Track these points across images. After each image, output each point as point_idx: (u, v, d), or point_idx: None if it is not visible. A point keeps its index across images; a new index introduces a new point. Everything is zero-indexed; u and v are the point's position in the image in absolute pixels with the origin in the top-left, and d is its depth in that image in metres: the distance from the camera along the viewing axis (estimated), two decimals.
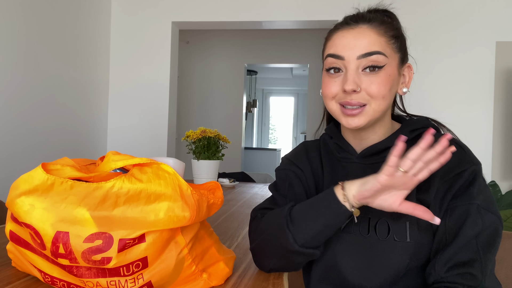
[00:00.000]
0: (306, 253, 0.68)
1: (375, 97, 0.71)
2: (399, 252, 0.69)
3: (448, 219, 0.68)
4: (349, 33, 0.73)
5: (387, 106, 0.74)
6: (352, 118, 0.72)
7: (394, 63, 0.73)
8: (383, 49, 0.71)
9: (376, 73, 0.71)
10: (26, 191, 0.59)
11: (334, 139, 0.83)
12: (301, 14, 3.07)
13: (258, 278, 0.73)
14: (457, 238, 0.66)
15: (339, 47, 0.73)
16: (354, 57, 0.71)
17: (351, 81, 0.70)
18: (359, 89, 0.71)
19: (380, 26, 0.73)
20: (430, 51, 2.88)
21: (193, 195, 0.61)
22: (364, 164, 0.77)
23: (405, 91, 0.77)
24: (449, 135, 0.59)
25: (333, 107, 0.75)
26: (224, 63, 5.32)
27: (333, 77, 0.74)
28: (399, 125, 0.81)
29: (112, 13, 3.26)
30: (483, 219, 0.65)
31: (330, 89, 0.74)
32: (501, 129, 2.85)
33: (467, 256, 0.65)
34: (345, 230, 0.75)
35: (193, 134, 1.97)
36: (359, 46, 0.71)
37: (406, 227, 0.69)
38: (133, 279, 0.59)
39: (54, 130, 2.61)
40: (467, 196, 0.67)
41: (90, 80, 3.02)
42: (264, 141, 8.42)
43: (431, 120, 0.80)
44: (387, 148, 0.75)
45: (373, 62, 0.70)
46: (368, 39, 0.71)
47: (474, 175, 0.68)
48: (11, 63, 2.21)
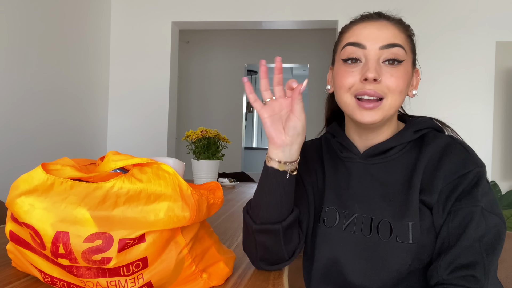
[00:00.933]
0: (265, 229, 0.69)
1: (393, 90, 0.70)
2: (401, 253, 0.68)
3: (451, 221, 0.67)
4: (372, 24, 0.72)
5: (400, 104, 0.73)
6: (368, 112, 0.70)
7: (410, 62, 0.74)
8: (404, 44, 0.72)
9: (395, 66, 0.70)
10: (26, 191, 0.59)
11: (337, 138, 0.82)
12: (301, 14, 3.07)
13: (258, 278, 0.73)
14: (460, 240, 0.65)
15: (361, 36, 0.72)
16: (377, 47, 0.70)
17: (373, 69, 0.68)
18: (380, 79, 0.69)
19: (399, 24, 0.74)
20: (430, 51, 2.88)
21: (193, 195, 0.61)
22: (367, 164, 0.77)
23: (415, 93, 0.77)
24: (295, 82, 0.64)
25: (347, 100, 0.72)
26: (224, 63, 5.32)
27: (350, 67, 0.72)
28: (403, 125, 0.80)
29: (112, 13, 3.26)
30: (486, 222, 0.65)
31: (347, 79, 0.72)
32: (501, 129, 2.85)
33: (470, 259, 0.64)
34: (347, 230, 0.74)
35: (193, 134, 1.97)
36: (381, 37, 0.70)
37: (409, 228, 0.69)
38: (133, 279, 0.59)
39: (54, 130, 2.61)
40: (471, 198, 0.66)
41: (90, 80, 3.02)
42: (264, 141, 8.42)
43: (435, 120, 0.80)
44: (390, 148, 0.75)
45: (394, 55, 0.70)
46: (391, 32, 0.71)
47: (479, 177, 0.67)
48: (11, 64, 2.21)
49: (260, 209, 0.70)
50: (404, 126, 0.79)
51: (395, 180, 0.73)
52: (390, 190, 0.73)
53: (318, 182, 0.82)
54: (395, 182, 0.73)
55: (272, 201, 0.68)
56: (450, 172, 0.68)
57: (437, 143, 0.72)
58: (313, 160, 0.84)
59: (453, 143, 0.72)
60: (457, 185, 0.67)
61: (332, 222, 0.76)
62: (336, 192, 0.78)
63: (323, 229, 0.77)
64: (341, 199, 0.77)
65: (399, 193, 0.72)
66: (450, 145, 0.72)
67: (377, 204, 0.73)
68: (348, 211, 0.75)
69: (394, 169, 0.74)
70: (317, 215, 0.79)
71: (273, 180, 0.67)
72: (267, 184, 0.68)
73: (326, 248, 0.75)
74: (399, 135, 0.76)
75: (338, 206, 0.76)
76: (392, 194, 0.72)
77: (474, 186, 0.67)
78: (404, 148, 0.75)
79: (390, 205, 0.72)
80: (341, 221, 0.75)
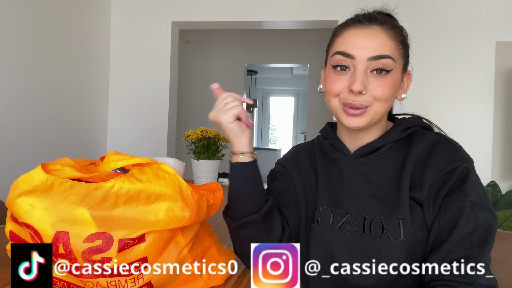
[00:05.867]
0: (245, 222, 0.74)
1: (379, 99, 0.71)
2: (394, 250, 0.69)
3: (442, 217, 0.67)
4: (362, 32, 0.72)
5: (387, 110, 0.74)
6: (354, 118, 0.72)
7: (399, 69, 0.74)
8: (393, 54, 0.72)
9: (383, 76, 0.71)
10: (26, 191, 0.59)
11: (329, 140, 0.83)
12: (301, 14, 3.07)
13: None
14: (451, 235, 0.66)
15: (350, 45, 0.72)
16: (365, 58, 0.71)
17: (359, 82, 0.70)
18: (365, 91, 0.71)
19: (391, 30, 0.73)
20: (430, 51, 2.88)
21: (193, 195, 0.61)
22: (357, 164, 0.78)
23: (404, 97, 0.78)
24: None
25: (335, 104, 0.75)
26: (224, 63, 5.32)
27: (339, 74, 0.73)
28: (392, 124, 0.81)
29: (112, 13, 3.26)
30: (477, 216, 0.65)
31: (335, 86, 0.73)
32: (501, 129, 2.85)
33: (462, 253, 0.65)
34: (340, 229, 0.75)
35: (193, 134, 1.97)
36: (371, 48, 0.71)
37: (400, 225, 0.69)
38: (133, 279, 0.59)
39: (54, 130, 2.61)
40: (461, 193, 0.67)
41: (90, 80, 3.02)
42: (264, 141, 8.42)
43: (423, 119, 0.81)
44: (379, 147, 0.76)
45: (383, 66, 0.71)
46: (380, 42, 0.71)
47: (467, 172, 0.68)
48: (11, 64, 2.21)
49: (236, 205, 0.75)
50: (393, 125, 0.80)
51: (385, 179, 0.74)
52: (381, 188, 0.74)
53: (311, 184, 0.83)
54: (385, 180, 0.74)
55: (244, 193, 0.75)
56: (438, 168, 0.69)
57: (425, 141, 0.74)
58: (305, 162, 0.85)
59: (440, 140, 0.73)
60: (446, 180, 0.68)
61: (326, 222, 0.77)
62: (329, 192, 0.79)
63: (317, 229, 0.77)
64: (334, 199, 0.78)
65: (390, 191, 0.73)
66: (437, 141, 0.73)
67: (369, 203, 0.74)
68: (341, 211, 0.76)
69: (384, 167, 0.75)
70: (311, 215, 0.80)
71: (241, 172, 0.75)
72: (237, 179, 0.75)
73: (321, 248, 0.76)
74: (387, 134, 0.77)
75: (332, 206, 0.77)
76: (383, 193, 0.73)
77: (463, 180, 0.67)
78: (393, 147, 0.77)
79: (381, 203, 0.72)
80: (334, 220, 0.76)
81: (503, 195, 2.73)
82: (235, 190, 0.75)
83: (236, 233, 0.77)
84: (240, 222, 0.75)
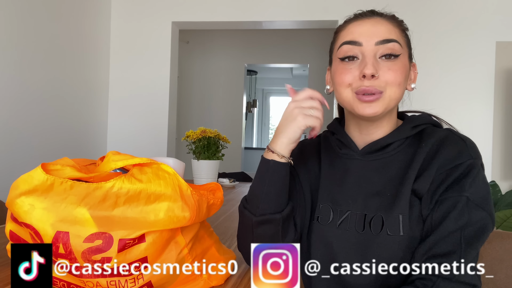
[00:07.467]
0: (266, 219, 0.72)
1: (392, 83, 0.70)
2: (392, 246, 0.69)
3: (436, 210, 0.67)
4: (366, 22, 0.73)
5: (401, 96, 0.74)
6: (369, 105, 0.71)
7: (406, 55, 0.74)
8: (399, 39, 0.73)
9: (392, 61, 0.71)
10: (26, 191, 0.59)
11: (336, 136, 0.82)
12: (301, 14, 3.07)
13: None
14: (438, 229, 0.65)
15: (356, 34, 0.73)
16: (372, 43, 0.71)
17: (370, 65, 0.69)
18: (378, 75, 0.70)
19: (393, 19, 0.75)
20: (430, 51, 2.88)
21: (193, 195, 0.61)
22: (365, 161, 0.77)
23: (413, 86, 0.78)
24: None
25: (347, 95, 0.73)
26: (224, 63, 5.32)
27: (348, 65, 0.73)
28: (401, 122, 0.80)
29: (112, 13, 3.26)
30: (470, 213, 0.64)
31: (345, 77, 0.73)
32: (501, 129, 2.85)
33: (446, 248, 0.64)
34: (340, 227, 0.75)
35: (193, 134, 1.97)
36: (377, 33, 0.71)
37: (399, 220, 0.69)
38: (133, 279, 0.59)
39: (54, 130, 2.61)
40: (458, 188, 0.66)
41: (90, 80, 3.02)
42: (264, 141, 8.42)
43: (433, 116, 0.80)
44: (388, 144, 0.75)
45: (390, 50, 0.71)
46: (385, 27, 0.72)
47: (470, 168, 0.67)
48: (11, 64, 2.21)
49: (259, 201, 0.73)
50: (402, 122, 0.79)
51: (391, 176, 0.73)
52: (386, 185, 0.73)
53: (315, 180, 0.82)
54: (391, 177, 0.73)
55: (272, 192, 0.72)
56: (444, 162, 0.68)
57: (435, 137, 0.73)
58: (311, 158, 0.85)
59: (450, 135, 0.72)
60: (448, 175, 0.67)
61: (326, 219, 0.76)
62: (330, 189, 0.78)
63: (317, 227, 0.77)
64: (335, 196, 0.77)
65: (394, 187, 0.72)
66: (447, 137, 0.72)
67: (372, 200, 0.73)
68: (341, 208, 0.75)
69: (392, 165, 0.75)
70: (312, 212, 0.80)
71: (274, 172, 0.72)
72: (268, 176, 0.72)
73: (321, 245, 0.76)
74: (397, 131, 0.76)
75: (332, 203, 0.77)
76: (388, 189, 0.72)
77: (464, 176, 0.66)
78: (402, 144, 0.76)
79: (384, 200, 0.72)
80: (335, 218, 0.76)
81: (503, 195, 2.72)
82: (264, 186, 0.73)
83: (251, 228, 0.74)
84: (261, 218, 0.73)
